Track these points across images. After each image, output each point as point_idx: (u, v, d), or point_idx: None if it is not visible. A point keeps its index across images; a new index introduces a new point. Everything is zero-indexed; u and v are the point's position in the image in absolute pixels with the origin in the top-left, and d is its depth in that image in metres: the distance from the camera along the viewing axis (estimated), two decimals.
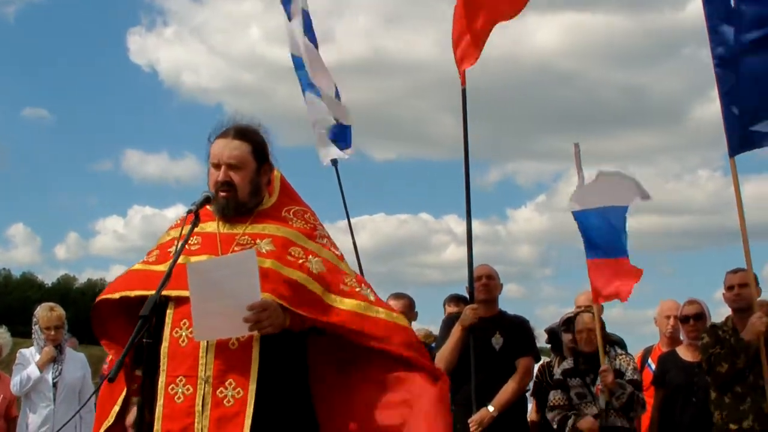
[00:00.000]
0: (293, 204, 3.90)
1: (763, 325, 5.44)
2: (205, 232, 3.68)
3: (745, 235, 5.56)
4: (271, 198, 3.88)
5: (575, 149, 6.75)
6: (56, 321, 7.27)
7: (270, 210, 3.81)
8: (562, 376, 6.30)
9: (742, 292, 5.81)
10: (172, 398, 3.48)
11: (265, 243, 3.64)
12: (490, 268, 6.53)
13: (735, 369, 5.64)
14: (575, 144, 6.79)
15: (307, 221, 3.85)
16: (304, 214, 3.88)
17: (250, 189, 3.73)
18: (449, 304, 7.75)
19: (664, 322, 7.10)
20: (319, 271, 3.66)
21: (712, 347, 5.79)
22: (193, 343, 3.49)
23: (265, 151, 3.82)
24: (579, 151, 6.74)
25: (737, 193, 5.65)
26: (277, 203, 3.86)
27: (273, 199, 3.88)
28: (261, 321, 3.40)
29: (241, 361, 3.49)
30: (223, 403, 3.44)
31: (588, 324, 6.28)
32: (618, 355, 6.34)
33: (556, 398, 6.26)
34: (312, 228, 3.83)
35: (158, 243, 3.90)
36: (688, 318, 6.53)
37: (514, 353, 6.26)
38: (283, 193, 3.93)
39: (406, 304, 7.12)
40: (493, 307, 6.43)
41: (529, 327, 6.59)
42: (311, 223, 3.86)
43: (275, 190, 3.91)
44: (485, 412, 6.03)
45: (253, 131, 3.81)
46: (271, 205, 3.84)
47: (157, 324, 3.51)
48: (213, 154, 3.73)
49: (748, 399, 5.63)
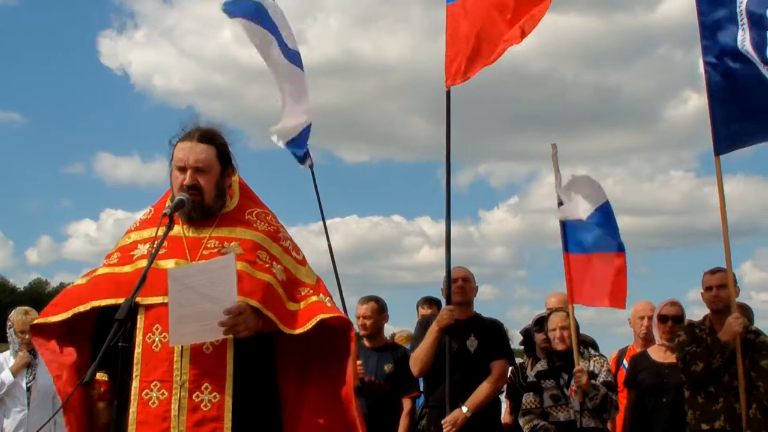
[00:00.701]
0: (254, 206, 3.94)
1: (740, 326, 5.46)
2: (171, 235, 3.66)
3: (726, 235, 5.55)
4: (233, 200, 3.90)
5: (552, 150, 6.71)
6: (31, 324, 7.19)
7: (233, 213, 3.84)
8: (536, 378, 6.32)
9: (720, 293, 5.82)
10: (146, 403, 3.48)
11: (233, 246, 3.67)
12: (466, 270, 6.57)
13: (710, 369, 5.67)
14: (552, 144, 6.75)
15: (269, 223, 3.88)
16: (266, 216, 3.91)
17: (216, 192, 3.76)
18: (422, 306, 7.76)
19: (638, 323, 7.12)
20: (281, 279, 3.70)
21: (689, 345, 5.82)
22: (167, 348, 3.50)
23: (228, 153, 3.84)
24: (556, 151, 6.71)
25: (721, 194, 5.63)
26: (239, 205, 3.89)
27: (234, 201, 3.90)
28: (237, 325, 3.43)
29: (217, 365, 3.51)
30: (201, 407, 3.46)
31: (560, 322, 6.30)
32: (592, 357, 6.35)
33: (528, 401, 6.25)
34: (275, 230, 3.87)
35: (118, 246, 3.89)
36: (667, 318, 6.48)
37: (488, 356, 6.31)
38: (243, 195, 3.95)
39: (374, 307, 7.10)
40: (468, 309, 6.48)
41: (503, 330, 6.64)
42: (274, 226, 3.90)
43: (235, 192, 3.94)
44: (459, 412, 6.06)
45: (217, 134, 3.83)
46: (233, 207, 3.87)
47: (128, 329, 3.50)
48: (178, 157, 3.73)
49: (720, 399, 5.66)
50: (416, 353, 6.30)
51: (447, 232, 6.32)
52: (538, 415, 6.16)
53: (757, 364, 5.64)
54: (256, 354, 3.62)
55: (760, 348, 5.72)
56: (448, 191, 6.39)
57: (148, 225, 3.85)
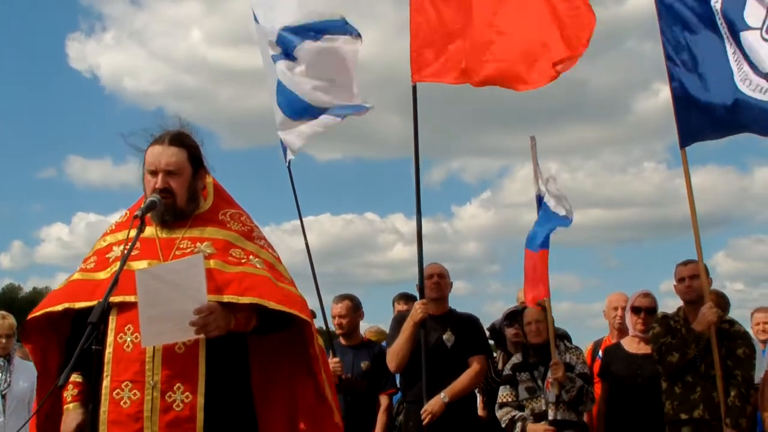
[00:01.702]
0: (229, 207, 3.95)
1: (714, 315, 5.49)
2: (144, 237, 3.68)
3: (696, 226, 5.57)
4: (207, 202, 3.91)
5: (531, 142, 6.75)
6: (7, 329, 7.10)
7: (207, 214, 3.85)
8: (512, 371, 6.35)
9: (693, 283, 5.85)
10: (117, 403, 3.48)
11: (205, 246, 3.68)
12: (441, 266, 6.60)
13: (686, 359, 5.69)
14: (531, 137, 6.78)
15: (243, 223, 3.90)
16: (240, 217, 3.92)
17: (188, 194, 3.77)
18: (398, 302, 7.77)
19: (612, 313, 7.17)
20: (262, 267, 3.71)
21: (663, 337, 5.85)
22: (139, 349, 3.50)
23: (200, 155, 3.85)
24: (535, 144, 6.74)
25: (688, 185, 5.63)
26: (213, 207, 3.90)
27: (208, 203, 3.91)
28: (208, 324, 3.43)
29: (189, 365, 3.52)
30: (173, 407, 3.47)
31: (536, 316, 6.34)
32: (568, 349, 6.40)
33: (504, 395, 6.31)
34: (249, 230, 3.88)
35: (94, 249, 3.91)
36: (640, 310, 6.49)
37: (465, 351, 6.33)
38: (217, 196, 3.97)
39: (349, 306, 7.10)
40: (443, 305, 6.50)
41: (480, 324, 6.67)
42: (248, 225, 3.91)
43: (209, 194, 3.95)
44: (437, 400, 6.08)
45: (188, 137, 3.84)
46: (207, 208, 3.88)
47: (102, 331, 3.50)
48: (149, 161, 3.75)
49: (698, 388, 5.69)
50: (392, 349, 6.31)
51: (418, 229, 6.32)
52: (514, 407, 6.21)
53: (733, 352, 5.68)
54: (230, 354, 3.62)
55: (735, 337, 5.76)
56: (418, 188, 6.37)
57: (123, 227, 3.85)
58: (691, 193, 5.64)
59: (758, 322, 7.98)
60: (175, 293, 3.41)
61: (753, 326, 7.79)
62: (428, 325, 6.12)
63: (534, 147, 6.73)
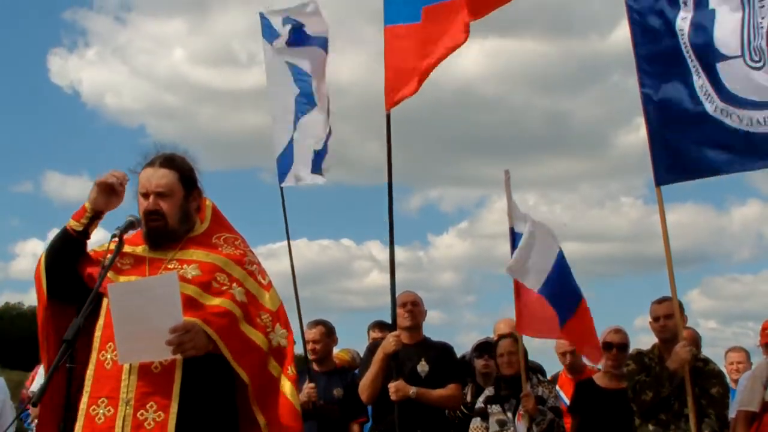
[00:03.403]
0: (224, 231, 3.95)
1: (687, 354, 5.45)
2: (136, 254, 3.72)
3: (670, 265, 5.49)
4: (203, 225, 3.93)
5: (506, 176, 6.67)
6: None
7: (200, 237, 3.86)
8: (484, 404, 6.35)
9: (667, 323, 5.85)
10: (93, 419, 3.50)
11: (191, 268, 3.69)
12: (415, 294, 6.56)
13: (659, 397, 5.68)
14: (505, 171, 6.71)
15: (237, 247, 3.89)
16: (234, 241, 3.93)
17: (179, 216, 3.78)
18: (373, 330, 7.76)
19: (561, 358, 7.31)
20: (241, 301, 3.71)
21: (638, 374, 5.84)
22: (118, 366, 3.52)
23: (193, 177, 3.88)
24: (509, 177, 6.66)
25: (663, 224, 5.55)
26: (208, 230, 3.91)
27: (204, 226, 3.92)
28: (183, 344, 3.43)
29: (164, 384, 3.52)
30: (144, 425, 3.47)
31: (508, 347, 6.35)
32: (540, 383, 6.41)
33: (475, 426, 6.30)
34: (242, 254, 3.87)
35: None
36: (612, 346, 6.50)
37: (440, 380, 6.24)
38: (214, 220, 3.98)
39: (323, 331, 7.09)
40: (418, 333, 6.45)
41: (453, 353, 6.62)
42: (241, 249, 3.90)
43: (207, 217, 3.96)
44: (407, 387, 5.98)
45: (180, 159, 3.87)
46: (202, 231, 3.89)
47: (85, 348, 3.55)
48: (141, 184, 3.78)
49: (672, 426, 5.68)
50: (364, 381, 6.24)
51: (391, 258, 6.10)
52: None
53: (707, 391, 5.70)
54: (209, 374, 3.61)
55: (709, 376, 5.79)
56: (391, 216, 6.18)
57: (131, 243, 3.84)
58: (666, 231, 5.56)
59: (732, 361, 8.06)
60: (151, 310, 3.41)
61: (727, 365, 7.87)
62: (402, 354, 6.04)
63: (508, 180, 6.65)
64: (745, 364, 8.00)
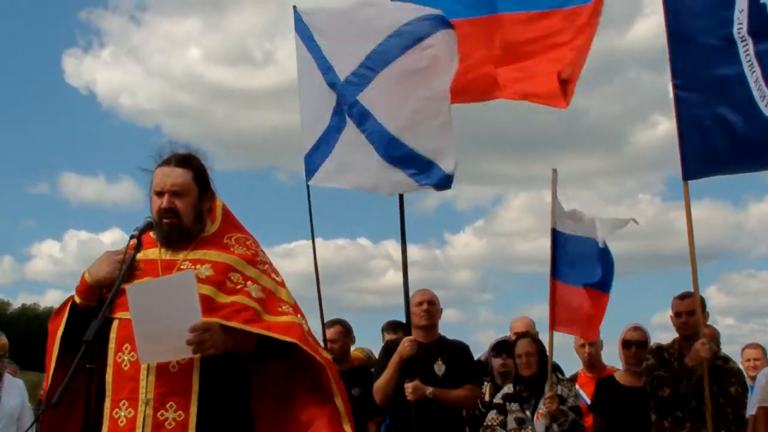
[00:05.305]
0: (235, 231, 3.95)
1: (707, 352, 5.43)
2: (148, 258, 3.71)
3: (693, 260, 5.49)
4: (214, 225, 3.92)
5: (553, 175, 6.70)
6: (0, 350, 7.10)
7: (212, 237, 3.85)
8: (503, 401, 6.34)
9: (689, 320, 5.83)
10: (116, 422, 3.50)
11: (204, 268, 3.68)
12: (431, 293, 6.54)
13: (677, 394, 5.67)
14: (553, 170, 6.72)
15: (248, 247, 3.89)
16: (246, 241, 3.92)
17: (193, 215, 3.77)
18: (387, 331, 7.73)
19: (580, 350, 7.25)
20: (258, 297, 3.70)
21: (657, 369, 5.83)
22: (136, 366, 3.52)
23: (206, 177, 3.88)
24: (557, 177, 6.69)
25: (688, 219, 5.49)
26: (219, 230, 3.90)
27: (215, 226, 3.92)
28: (203, 342, 3.43)
29: (182, 383, 3.52)
30: (164, 425, 3.47)
31: (527, 348, 6.34)
32: (560, 381, 6.40)
33: (491, 418, 6.29)
34: (253, 254, 3.87)
35: None
36: (631, 344, 6.47)
37: (457, 380, 6.24)
38: (225, 221, 3.97)
39: (341, 331, 7.10)
40: (433, 332, 6.44)
41: (470, 352, 6.61)
42: (252, 250, 3.90)
43: (217, 217, 3.96)
44: (424, 388, 6.00)
45: (195, 158, 3.87)
46: (213, 232, 3.88)
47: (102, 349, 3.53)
48: (155, 182, 3.78)
49: (687, 424, 5.67)
50: (379, 383, 6.24)
51: (403, 257, 6.17)
52: None
53: (725, 390, 5.68)
54: (226, 375, 3.62)
55: (728, 374, 5.77)
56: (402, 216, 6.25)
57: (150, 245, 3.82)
58: (691, 227, 5.52)
59: (749, 358, 8.03)
60: (169, 310, 3.41)
61: (743, 362, 7.84)
62: (418, 353, 6.03)
63: (555, 180, 6.68)
64: (762, 361, 7.98)
